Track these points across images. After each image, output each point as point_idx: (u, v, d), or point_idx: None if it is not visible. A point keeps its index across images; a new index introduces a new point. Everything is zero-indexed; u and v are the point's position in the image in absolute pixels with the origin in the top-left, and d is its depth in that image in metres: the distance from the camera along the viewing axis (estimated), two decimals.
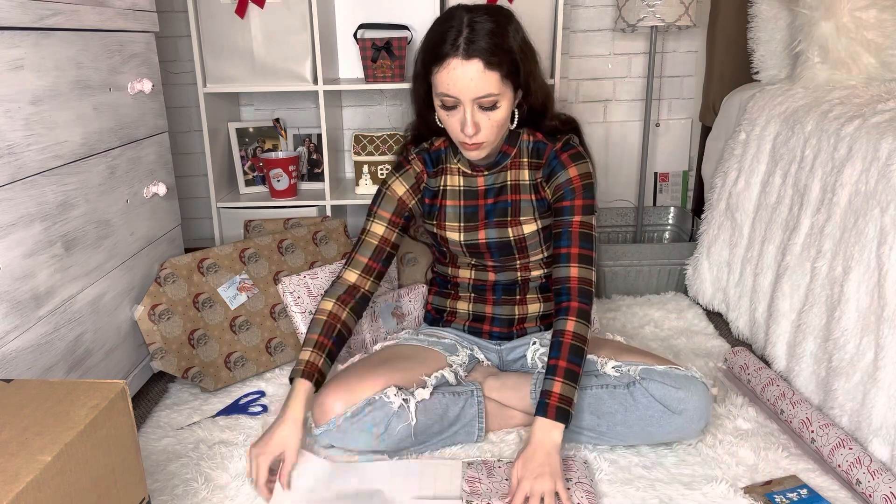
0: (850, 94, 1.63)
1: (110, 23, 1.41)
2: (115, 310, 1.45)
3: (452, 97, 1.22)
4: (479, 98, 1.21)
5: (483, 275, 1.45)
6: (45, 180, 1.21)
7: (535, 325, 1.48)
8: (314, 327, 1.32)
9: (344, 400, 1.27)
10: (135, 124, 1.53)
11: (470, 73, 1.19)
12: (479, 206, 1.40)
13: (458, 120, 1.24)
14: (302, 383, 1.25)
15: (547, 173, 1.36)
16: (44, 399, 0.85)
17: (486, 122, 1.24)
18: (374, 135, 2.17)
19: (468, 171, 1.40)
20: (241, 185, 2.28)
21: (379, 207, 1.41)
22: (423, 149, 1.44)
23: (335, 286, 1.38)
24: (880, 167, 1.29)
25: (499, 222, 1.38)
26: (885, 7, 1.69)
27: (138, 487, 0.93)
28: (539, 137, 1.38)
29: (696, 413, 1.26)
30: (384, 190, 1.42)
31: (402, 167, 1.43)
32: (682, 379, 1.27)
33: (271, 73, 2.03)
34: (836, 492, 1.20)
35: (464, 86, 1.20)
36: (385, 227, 1.40)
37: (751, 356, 1.59)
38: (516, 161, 1.38)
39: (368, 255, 1.39)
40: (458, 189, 1.41)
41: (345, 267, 1.40)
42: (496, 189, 1.39)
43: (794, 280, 1.52)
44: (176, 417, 1.48)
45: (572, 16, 2.31)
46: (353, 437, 1.27)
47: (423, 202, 1.44)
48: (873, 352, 1.24)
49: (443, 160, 1.42)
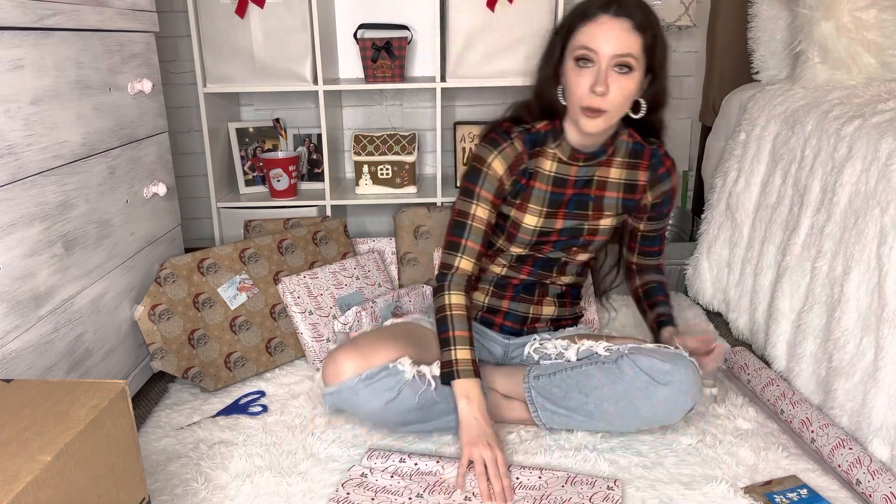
0: (850, 94, 1.63)
1: (110, 23, 1.41)
2: (115, 310, 1.45)
3: (592, 50, 1.21)
4: (618, 55, 1.20)
5: (514, 273, 1.46)
6: (45, 180, 1.21)
7: (545, 326, 1.51)
8: (460, 323, 1.31)
9: (357, 364, 1.30)
10: (135, 124, 1.53)
11: (617, 28, 1.20)
12: (565, 195, 1.39)
13: (590, 76, 1.22)
14: (478, 382, 1.28)
15: (651, 177, 1.41)
16: (44, 399, 0.85)
17: (616, 87, 1.22)
18: (374, 135, 2.17)
19: (564, 159, 1.37)
20: (241, 185, 2.28)
21: (482, 189, 1.35)
22: (524, 129, 1.37)
23: (456, 277, 1.35)
24: (880, 167, 1.29)
25: (578, 214, 1.40)
26: (885, 7, 1.69)
27: (138, 487, 0.93)
28: (637, 139, 1.40)
29: (683, 387, 1.26)
30: (485, 170, 1.34)
31: (498, 144, 1.34)
32: (669, 354, 1.29)
33: (271, 73, 2.03)
34: (836, 492, 1.20)
35: (608, 38, 1.20)
36: (489, 211, 1.36)
37: (751, 356, 1.59)
38: (610, 159, 1.39)
39: (479, 241, 1.36)
40: (549, 174, 1.38)
41: (458, 254, 1.36)
42: (583, 181, 1.39)
43: (794, 280, 1.52)
44: (176, 417, 1.48)
45: None
46: (363, 400, 1.29)
47: (518, 182, 1.37)
48: (873, 352, 1.24)
49: (541, 143, 1.37)
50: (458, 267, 1.36)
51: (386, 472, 1.26)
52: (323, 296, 1.71)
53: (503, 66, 2.02)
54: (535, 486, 1.22)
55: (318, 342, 1.67)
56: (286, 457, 1.32)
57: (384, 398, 1.29)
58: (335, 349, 1.35)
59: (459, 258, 1.36)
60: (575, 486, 1.21)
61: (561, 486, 1.21)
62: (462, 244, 1.36)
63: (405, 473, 1.26)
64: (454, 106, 2.37)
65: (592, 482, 1.22)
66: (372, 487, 1.22)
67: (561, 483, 1.22)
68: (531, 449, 1.35)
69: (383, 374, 1.30)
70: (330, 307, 1.71)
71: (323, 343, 1.67)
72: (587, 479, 1.23)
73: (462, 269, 1.36)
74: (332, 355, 1.33)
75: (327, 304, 1.71)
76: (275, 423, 1.45)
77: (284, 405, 1.52)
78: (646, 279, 1.54)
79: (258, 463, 1.31)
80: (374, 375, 1.29)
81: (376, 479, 1.24)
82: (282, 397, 1.55)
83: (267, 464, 1.30)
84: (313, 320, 1.68)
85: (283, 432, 1.41)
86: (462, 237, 1.36)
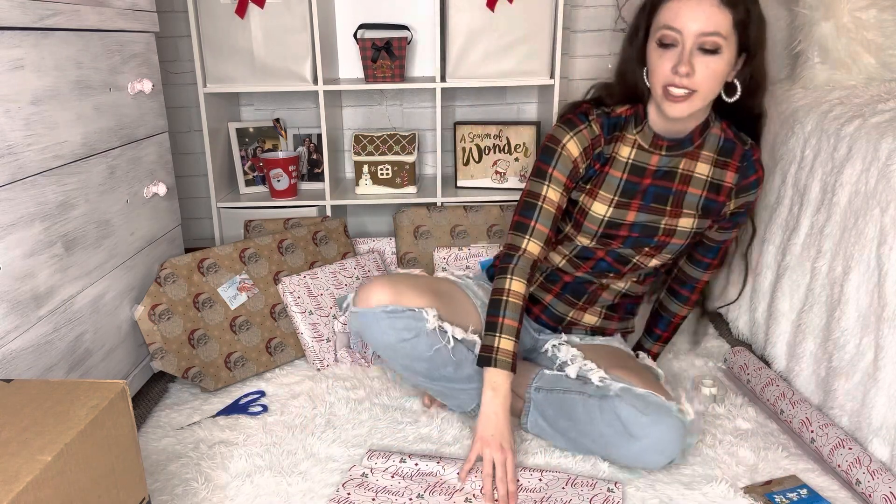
0: (850, 94, 1.63)
1: (110, 23, 1.41)
2: (115, 310, 1.45)
3: (676, 29, 1.13)
4: (704, 34, 1.12)
5: (571, 268, 1.39)
6: (46, 180, 1.21)
7: (583, 329, 1.47)
8: (513, 312, 1.25)
9: (389, 298, 1.31)
10: (135, 124, 1.53)
11: (705, 3, 1.12)
12: (641, 185, 1.30)
13: (674, 57, 1.14)
14: (510, 377, 1.24)
15: (739, 182, 1.31)
16: (44, 399, 0.85)
17: (702, 68, 1.14)
18: (374, 135, 2.17)
19: (646, 146, 1.28)
20: (241, 185, 2.28)
21: (555, 170, 1.28)
22: (603, 112, 1.29)
23: (521, 261, 1.28)
24: (880, 167, 1.29)
25: (655, 209, 1.31)
26: (885, 7, 1.69)
27: (138, 487, 0.93)
28: (731, 136, 1.30)
29: (657, 445, 1.19)
30: (559, 150, 1.28)
31: (575, 126, 1.28)
32: (654, 406, 1.20)
33: (271, 73, 2.03)
34: (836, 492, 1.20)
35: (693, 16, 1.12)
36: (560, 194, 1.29)
37: (751, 356, 1.59)
38: (697, 152, 1.29)
39: (549, 225, 1.29)
40: (626, 161, 1.29)
41: (526, 236, 1.29)
42: (664, 172, 1.30)
43: (794, 280, 1.52)
44: (176, 417, 1.48)
45: (572, 16, 2.31)
46: (381, 330, 1.31)
47: (592, 167, 1.30)
48: (873, 352, 1.24)
49: (621, 128, 1.29)
50: (526, 249, 1.29)
51: (387, 473, 1.26)
52: (323, 296, 1.71)
53: (503, 66, 2.02)
54: (535, 489, 1.22)
55: (318, 342, 1.67)
56: (286, 457, 1.32)
57: (400, 336, 1.30)
58: (374, 278, 1.39)
59: (528, 240, 1.29)
60: (575, 488, 1.21)
61: (561, 488, 1.21)
62: (531, 226, 1.29)
63: (406, 474, 1.26)
64: (454, 106, 2.37)
65: (593, 484, 1.22)
66: (372, 488, 1.22)
67: (561, 484, 1.22)
68: (531, 449, 1.35)
69: (408, 313, 1.31)
70: (330, 307, 1.71)
71: (323, 343, 1.67)
72: (588, 481, 1.23)
73: (529, 251, 1.29)
74: (369, 282, 1.35)
75: (327, 304, 1.71)
76: (275, 423, 1.45)
77: (284, 405, 1.52)
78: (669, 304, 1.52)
79: (258, 463, 1.31)
80: (398, 311, 1.30)
81: (377, 479, 1.24)
82: (282, 397, 1.55)
83: (267, 464, 1.30)
84: (313, 320, 1.68)
85: (283, 432, 1.41)
86: (531, 219, 1.29)
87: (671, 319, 1.53)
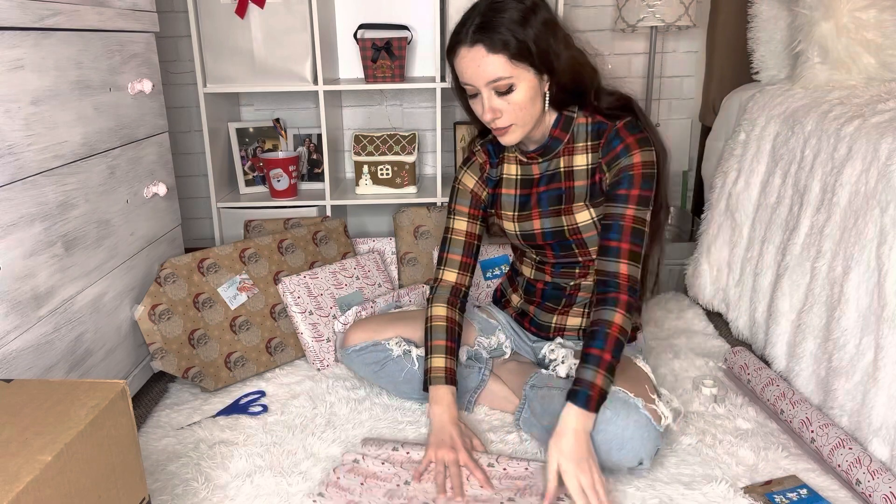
0: (849, 94, 1.63)
1: (110, 23, 1.41)
2: (115, 310, 1.45)
3: (470, 85, 1.23)
4: (490, 83, 1.20)
5: (540, 275, 1.46)
6: (46, 180, 1.21)
7: (575, 335, 1.46)
8: (438, 334, 1.38)
9: (360, 336, 1.50)
10: (135, 124, 1.53)
11: (475, 58, 1.19)
12: (533, 195, 1.38)
13: (480, 104, 1.24)
14: (449, 389, 1.33)
15: (607, 153, 1.28)
16: (44, 399, 0.85)
17: (505, 106, 1.22)
18: (374, 135, 2.17)
19: (524, 160, 1.39)
20: (242, 185, 2.28)
21: (456, 203, 1.44)
22: (487, 140, 1.44)
23: (439, 290, 1.42)
24: (880, 167, 1.29)
25: (553, 211, 1.36)
26: (884, 7, 1.69)
27: (138, 487, 0.93)
28: (598, 119, 1.31)
29: (616, 440, 1.17)
30: (456, 185, 1.45)
31: (469, 160, 1.45)
32: (619, 402, 1.19)
33: (271, 74, 2.03)
34: (836, 492, 1.20)
35: (473, 72, 1.20)
36: (466, 222, 1.43)
37: (751, 356, 1.59)
38: (570, 146, 1.33)
39: (460, 253, 1.43)
40: (514, 178, 1.41)
41: (440, 267, 1.44)
42: (549, 176, 1.37)
43: (793, 280, 1.52)
44: (176, 417, 1.48)
45: (572, 16, 2.31)
46: (356, 367, 1.53)
47: (489, 192, 1.44)
48: (873, 352, 1.24)
49: (503, 149, 1.42)
50: (441, 279, 1.44)
51: (378, 459, 1.28)
52: (323, 296, 1.71)
53: None
54: (520, 476, 1.24)
55: (318, 342, 1.67)
56: (286, 457, 1.33)
57: (371, 369, 1.49)
58: (354, 322, 1.55)
59: (442, 270, 1.44)
60: None
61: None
62: (444, 257, 1.44)
63: (396, 461, 1.28)
64: (454, 106, 2.37)
65: None
66: (362, 472, 1.25)
67: None
68: (532, 449, 1.35)
69: (371, 348, 1.48)
70: (330, 307, 1.71)
71: (323, 343, 1.67)
72: None
73: (445, 279, 1.43)
74: (352, 329, 1.53)
75: (327, 304, 1.71)
76: (275, 423, 1.45)
77: (284, 405, 1.52)
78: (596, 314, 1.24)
79: (258, 463, 1.31)
80: (365, 348, 1.48)
81: (368, 464, 1.27)
82: (282, 397, 1.55)
83: (267, 464, 1.30)
84: (313, 320, 1.68)
85: (283, 432, 1.41)
86: (444, 251, 1.44)
87: (608, 331, 1.21)
